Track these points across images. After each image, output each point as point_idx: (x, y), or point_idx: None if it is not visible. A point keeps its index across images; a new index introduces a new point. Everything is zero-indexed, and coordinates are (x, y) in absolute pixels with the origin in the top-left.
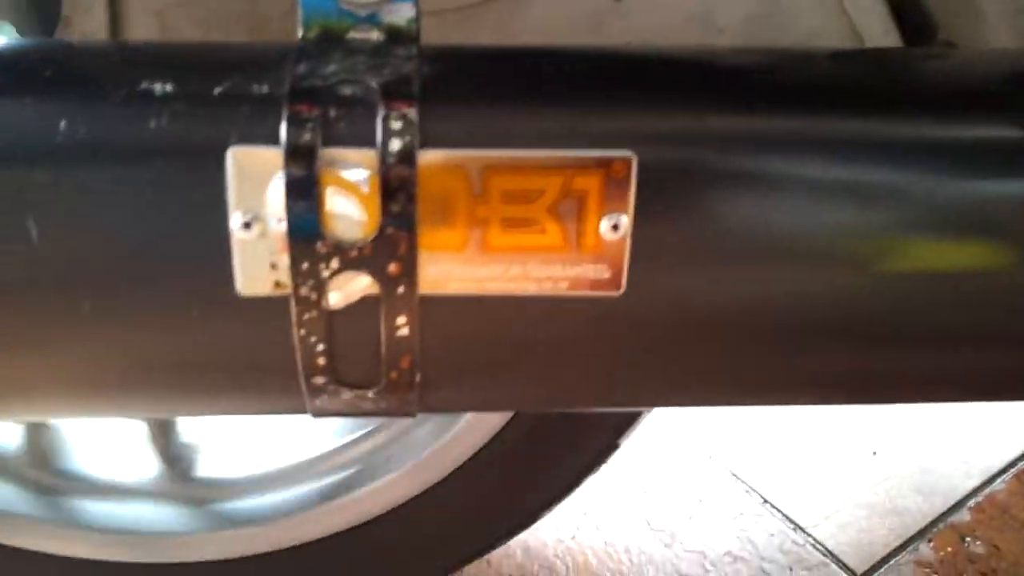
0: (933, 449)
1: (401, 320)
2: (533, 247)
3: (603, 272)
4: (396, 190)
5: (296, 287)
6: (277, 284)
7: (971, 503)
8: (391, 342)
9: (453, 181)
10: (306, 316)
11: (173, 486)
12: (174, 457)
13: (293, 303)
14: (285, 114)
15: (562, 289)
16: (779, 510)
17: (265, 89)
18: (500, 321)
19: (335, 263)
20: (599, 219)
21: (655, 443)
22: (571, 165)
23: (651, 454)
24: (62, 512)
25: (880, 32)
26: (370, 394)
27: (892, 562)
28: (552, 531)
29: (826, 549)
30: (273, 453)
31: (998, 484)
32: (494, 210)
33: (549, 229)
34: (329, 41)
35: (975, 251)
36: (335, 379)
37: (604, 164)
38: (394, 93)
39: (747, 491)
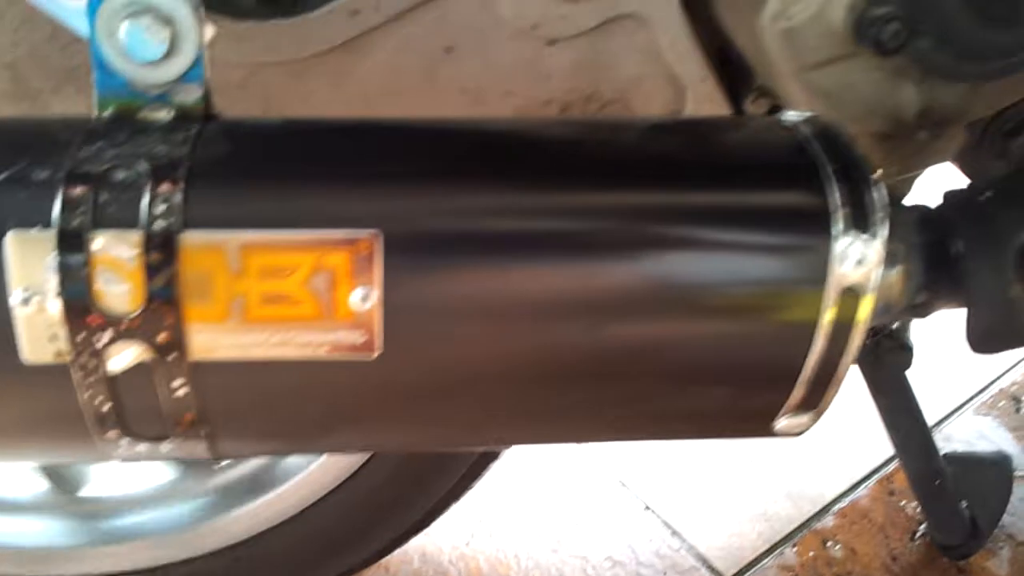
0: (805, 456)
1: (177, 383)
2: (291, 317)
3: (358, 338)
4: (158, 269)
5: (75, 356)
6: (58, 353)
7: (836, 508)
8: (171, 402)
9: (212, 260)
10: (88, 381)
11: (60, 502)
12: (60, 475)
13: (74, 370)
14: (59, 199)
15: (323, 353)
16: (659, 516)
17: (45, 174)
18: (272, 382)
19: (108, 334)
20: (349, 292)
21: (548, 453)
22: (321, 244)
23: (544, 464)
24: None
25: (698, 78)
26: (162, 447)
27: (758, 566)
28: (448, 538)
29: (699, 553)
30: (156, 472)
31: (861, 490)
32: (252, 285)
33: (304, 301)
34: (119, 121)
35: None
36: (127, 433)
37: (351, 243)
38: (162, 176)
39: (632, 498)
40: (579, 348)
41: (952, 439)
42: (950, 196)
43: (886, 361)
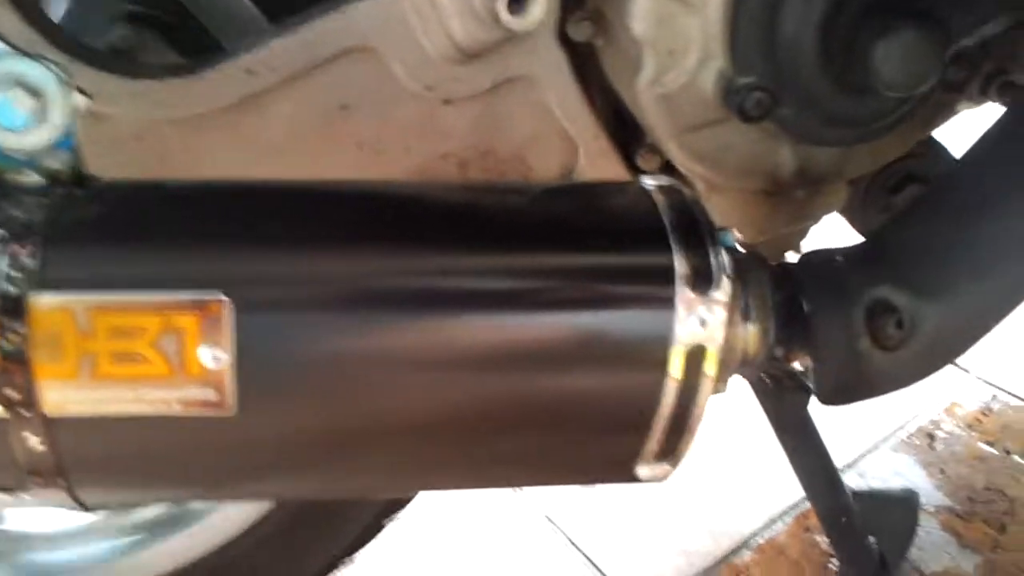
0: (727, 493)
1: (33, 439)
2: (141, 375)
3: (211, 395)
4: (10, 329)
5: None
6: None
7: (753, 543)
8: (29, 455)
9: (62, 321)
10: None
11: None
12: None
13: None
14: None
15: (177, 410)
16: (582, 551)
17: None
18: (129, 436)
19: None
20: (198, 352)
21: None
22: (169, 306)
23: (472, 497)
24: None
25: (590, 136)
26: (25, 496)
27: None
28: (368, 573)
29: None
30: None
31: (778, 526)
32: (102, 345)
33: (154, 360)
34: None
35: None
36: None
37: (199, 305)
38: (18, 239)
39: (556, 533)
40: (432, 401)
41: (867, 475)
42: (807, 257)
43: (787, 402)
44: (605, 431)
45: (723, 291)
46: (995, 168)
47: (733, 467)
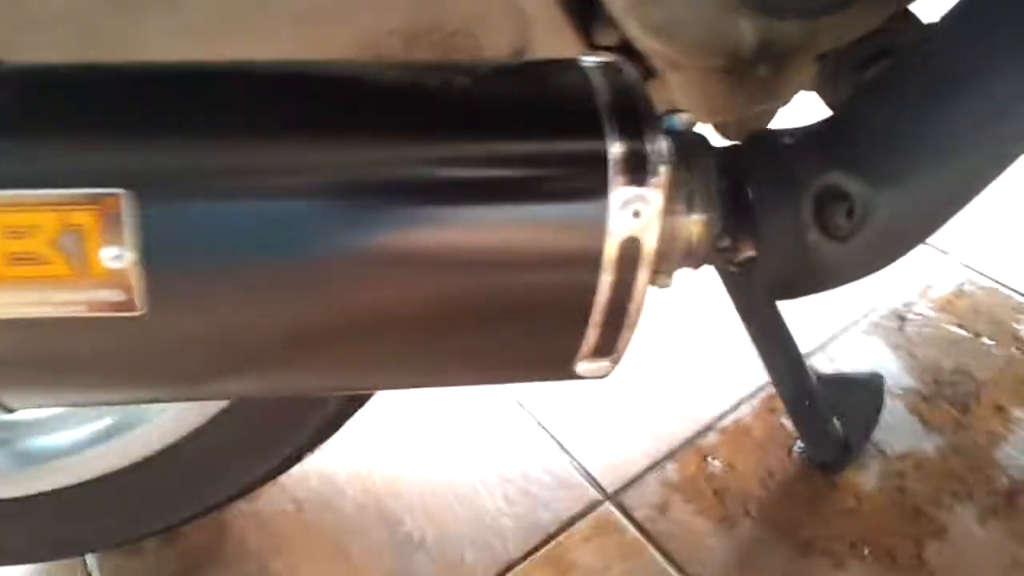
0: (697, 375)
1: None
2: (42, 276)
3: (118, 296)
4: None
5: None
6: None
7: (719, 426)
8: None
9: None
10: None
11: None
12: None
13: None
14: None
15: (84, 311)
16: (551, 434)
17: None
18: (40, 340)
19: None
20: (99, 251)
21: None
22: (64, 203)
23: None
24: None
25: (542, 9)
26: None
27: (639, 482)
28: (343, 458)
29: (585, 470)
30: None
31: (744, 408)
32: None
33: (54, 261)
34: None
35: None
36: None
37: (96, 201)
38: None
39: (526, 416)
40: (355, 296)
41: (837, 359)
42: (755, 140)
43: (749, 287)
44: (539, 328)
45: (659, 180)
46: (961, 42)
47: (701, 351)
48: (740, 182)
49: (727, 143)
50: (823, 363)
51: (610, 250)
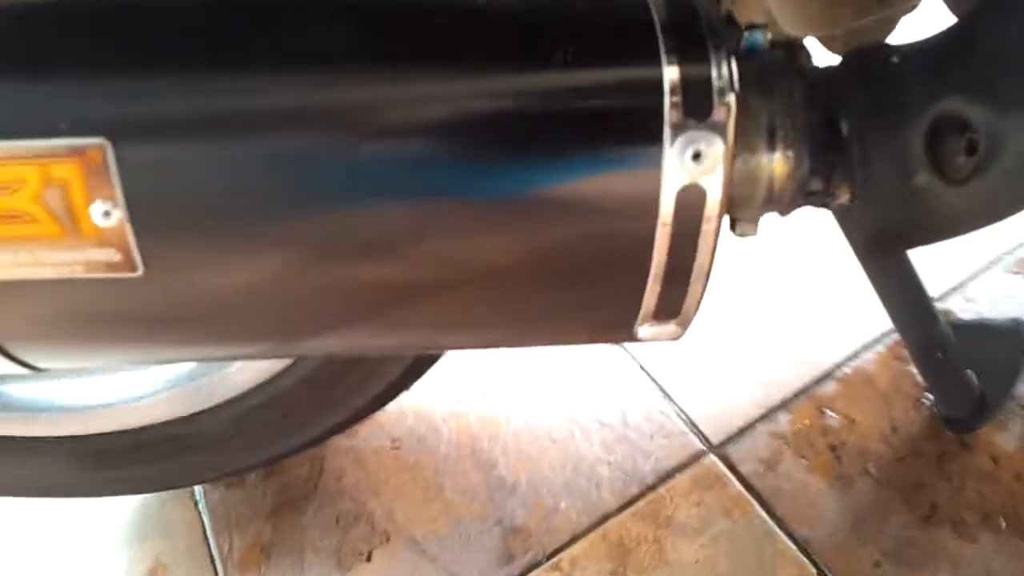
0: (814, 319)
1: None
2: (33, 236)
3: (113, 255)
4: None
5: None
6: None
7: (838, 374)
8: None
9: None
10: None
11: None
12: None
13: None
14: None
15: (81, 272)
16: (654, 379)
17: None
18: (47, 301)
19: None
20: (87, 207)
21: None
22: (44, 155)
23: None
24: None
25: None
26: None
27: (748, 433)
28: (440, 396)
29: (688, 419)
30: None
31: (867, 355)
32: None
33: (41, 219)
34: None
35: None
36: None
37: (77, 152)
38: None
39: (628, 360)
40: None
41: (976, 299)
42: (854, 59)
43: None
44: (595, 286)
45: (724, 114)
46: None
47: (820, 289)
48: (833, 112)
49: (823, 64)
50: (959, 305)
51: (667, 198)
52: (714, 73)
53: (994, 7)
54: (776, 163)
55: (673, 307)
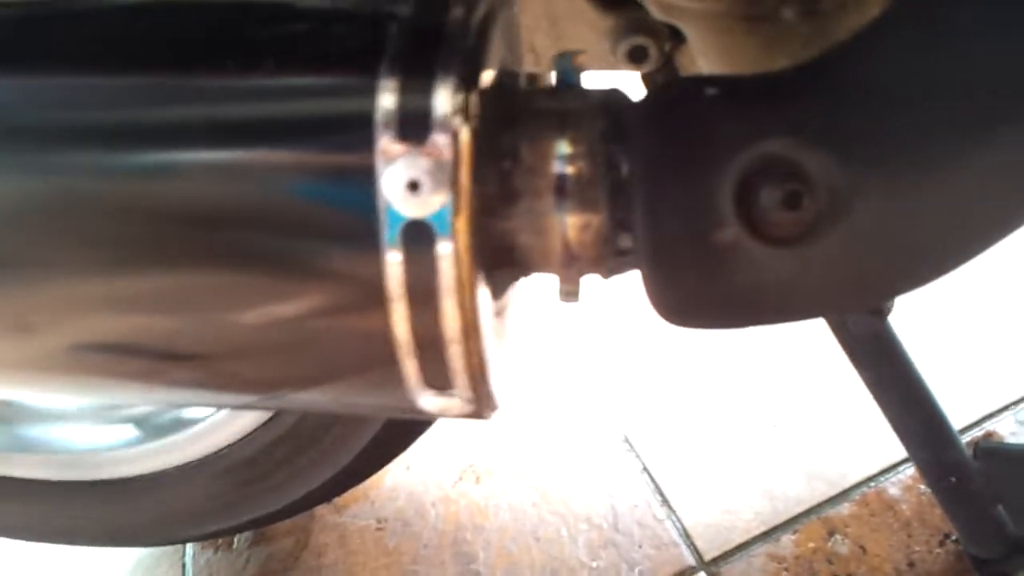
0: (835, 431)
1: None
2: None
3: None
4: None
5: None
6: None
7: (856, 495)
8: None
9: None
10: None
11: None
12: None
13: None
14: None
15: None
16: (654, 481)
17: None
18: None
19: None
20: None
21: (557, 403)
22: None
23: (549, 411)
24: None
25: None
26: None
27: (745, 552)
28: (435, 478)
29: (683, 528)
30: None
31: (892, 476)
32: None
33: None
34: None
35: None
36: None
37: None
38: None
39: (631, 457)
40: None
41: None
42: (660, 89)
43: (853, 327)
44: (347, 347)
45: (447, 143)
46: None
47: (845, 397)
48: (622, 156)
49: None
50: (1008, 428)
51: (391, 244)
52: (438, 97)
53: (862, 37)
54: (568, 214)
55: (442, 377)
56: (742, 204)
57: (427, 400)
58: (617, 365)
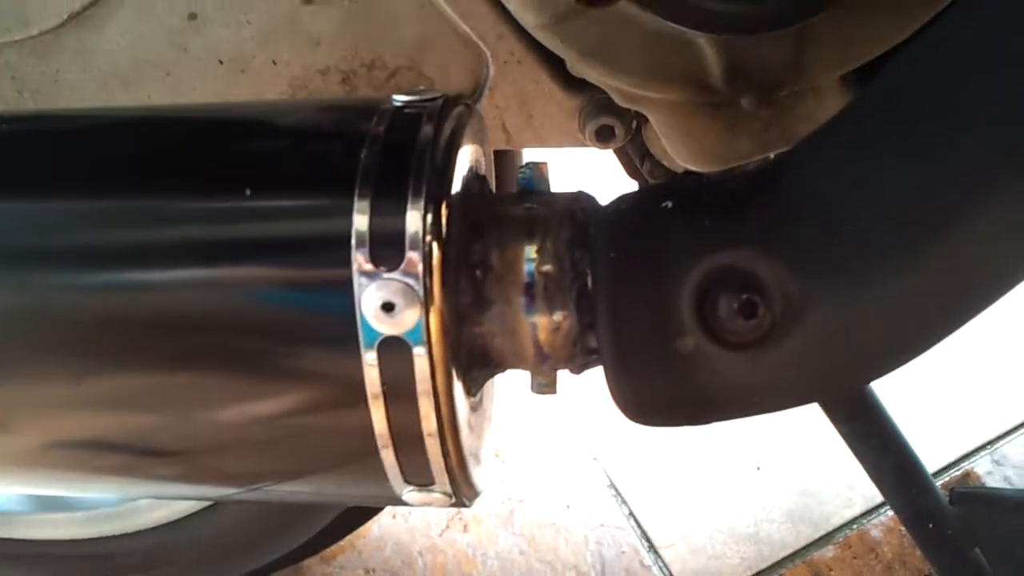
0: (818, 474)
1: None
2: None
3: None
4: None
5: None
6: None
7: (839, 538)
8: None
9: None
10: None
11: None
12: None
13: None
14: None
15: None
16: (641, 527)
17: None
18: None
19: None
20: None
21: (549, 455)
22: None
23: (537, 460)
24: None
25: (493, 36)
26: None
27: None
28: (423, 527)
29: (670, 574)
30: None
31: (874, 519)
32: None
33: None
34: None
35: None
36: None
37: None
38: None
39: (617, 502)
40: None
41: (1006, 461)
42: (620, 200)
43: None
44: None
45: (418, 262)
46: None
47: (826, 444)
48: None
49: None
50: (985, 467)
51: (368, 357)
52: (409, 219)
53: (807, 147)
54: (538, 316)
55: (425, 475)
56: (700, 312)
57: (412, 494)
58: (602, 412)
